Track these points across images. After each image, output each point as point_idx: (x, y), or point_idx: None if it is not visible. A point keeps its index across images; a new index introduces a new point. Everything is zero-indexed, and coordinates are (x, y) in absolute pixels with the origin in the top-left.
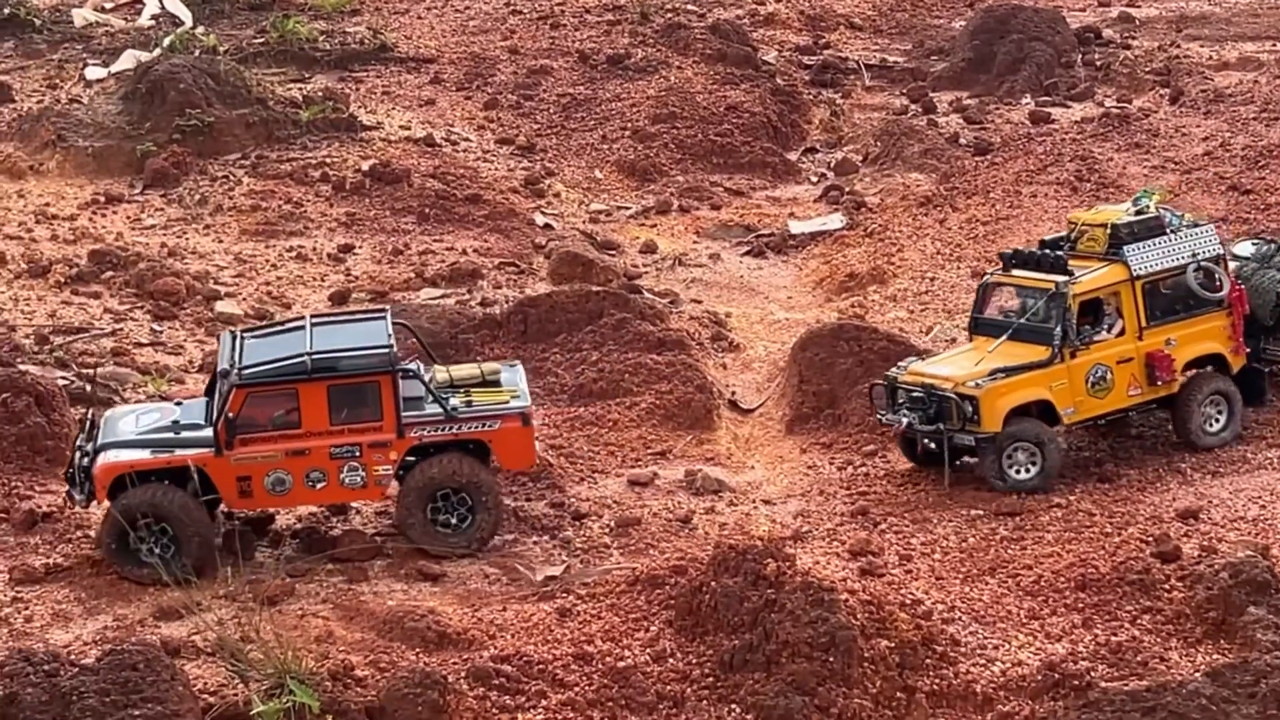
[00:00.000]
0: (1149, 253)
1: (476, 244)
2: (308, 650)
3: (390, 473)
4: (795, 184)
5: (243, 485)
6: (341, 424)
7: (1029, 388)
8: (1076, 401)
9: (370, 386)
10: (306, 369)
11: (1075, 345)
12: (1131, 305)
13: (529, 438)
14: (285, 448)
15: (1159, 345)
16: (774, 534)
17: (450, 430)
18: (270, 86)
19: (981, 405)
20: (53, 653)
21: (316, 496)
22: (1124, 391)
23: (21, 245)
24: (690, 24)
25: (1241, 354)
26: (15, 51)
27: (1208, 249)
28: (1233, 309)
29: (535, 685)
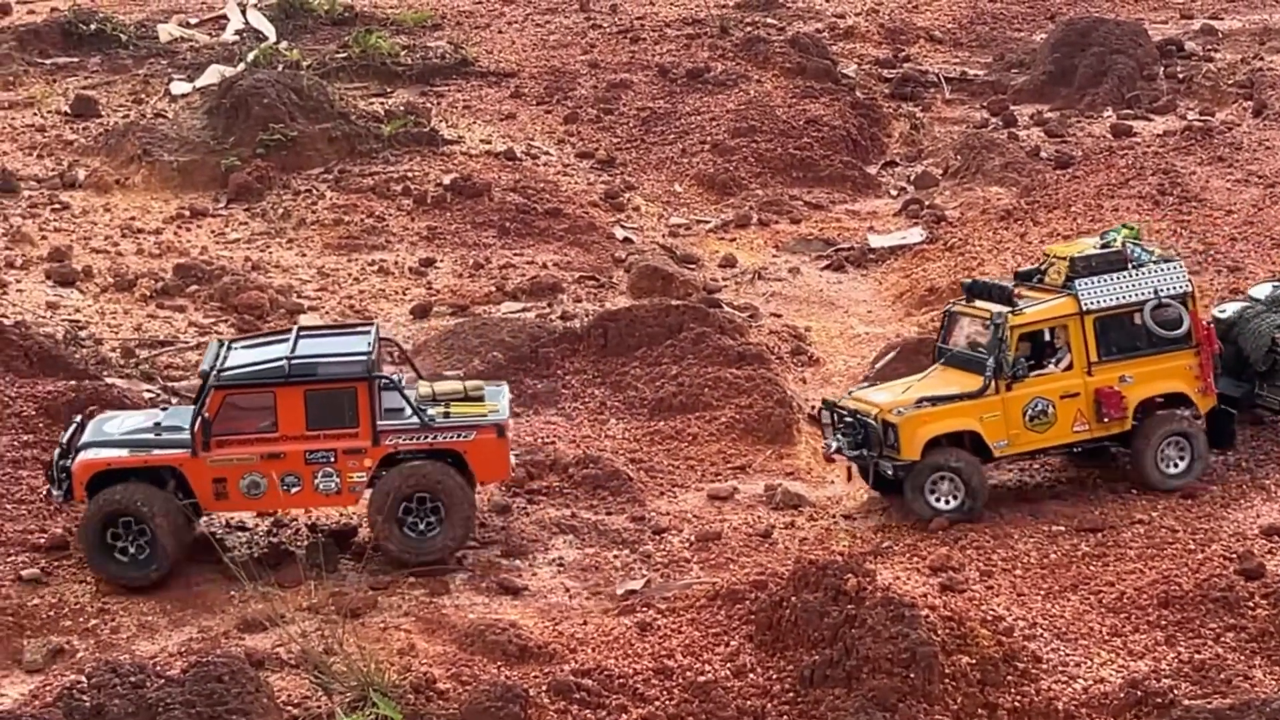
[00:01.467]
0: (1101, 288)
1: (556, 258)
2: (390, 663)
3: (365, 480)
4: (875, 198)
5: (218, 487)
6: (318, 429)
7: (953, 418)
8: (1012, 434)
9: (347, 393)
10: (284, 373)
11: (1010, 377)
12: (1080, 340)
13: (504, 449)
14: (261, 451)
15: (1110, 382)
16: (854, 549)
17: (425, 439)
18: (352, 101)
19: (901, 433)
20: (139, 664)
21: (291, 501)
22: (1068, 427)
23: (108, 259)
24: (770, 38)
25: (1210, 395)
26: (102, 66)
27: (1173, 286)
28: (1200, 348)
29: (616, 699)
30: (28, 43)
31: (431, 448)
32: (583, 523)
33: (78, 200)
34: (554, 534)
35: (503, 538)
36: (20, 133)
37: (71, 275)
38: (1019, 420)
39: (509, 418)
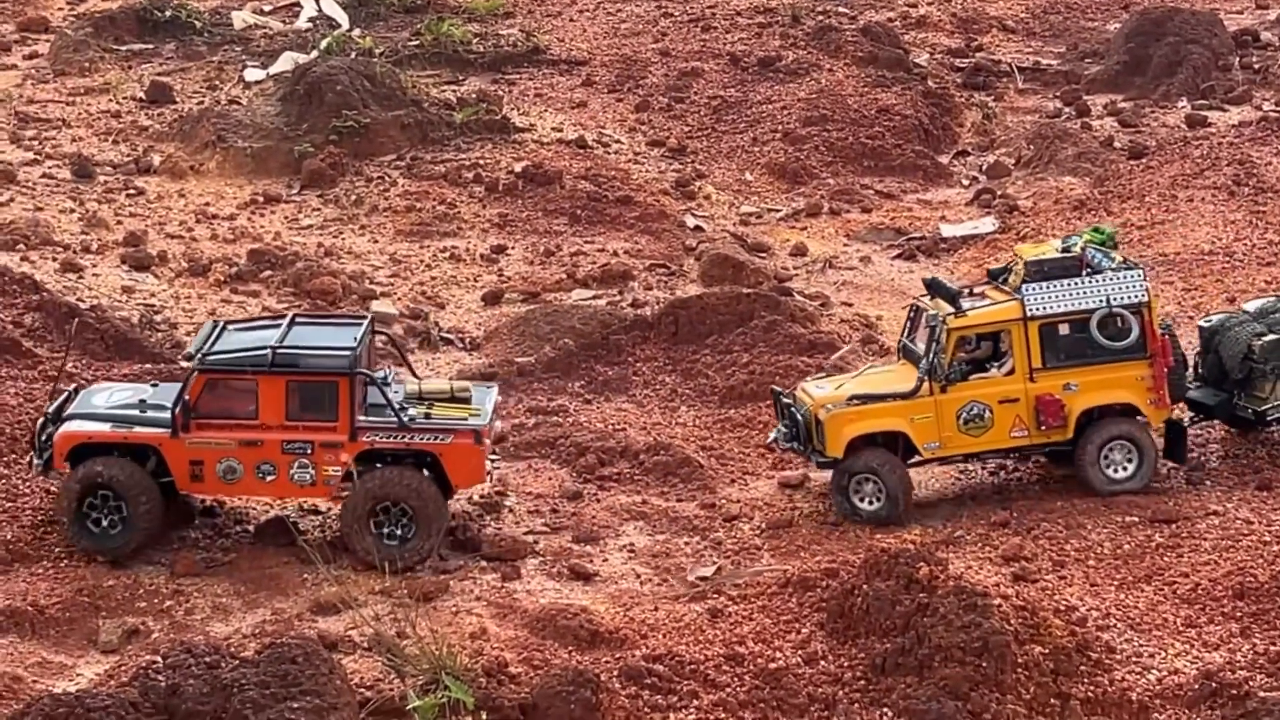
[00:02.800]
0: (1048, 293)
1: (627, 245)
2: (462, 647)
3: (340, 474)
4: (947, 187)
5: (195, 469)
6: (297, 420)
7: (879, 418)
8: (944, 437)
9: (328, 386)
10: (268, 361)
11: (945, 380)
12: (1022, 345)
13: (479, 456)
14: (239, 437)
15: (1053, 389)
16: (926, 538)
17: (402, 439)
18: (425, 88)
19: (826, 430)
20: (213, 645)
21: (265, 489)
22: (1005, 432)
23: (182, 244)
24: (841, 26)
25: (1163, 407)
26: (176, 53)
27: (1127, 295)
28: (1154, 359)
29: (687, 685)
30: (103, 29)
31: (408, 448)
32: (654, 509)
33: (153, 186)
34: (625, 520)
35: (574, 524)
36: (96, 118)
37: (146, 260)
38: (952, 423)
39: (490, 424)
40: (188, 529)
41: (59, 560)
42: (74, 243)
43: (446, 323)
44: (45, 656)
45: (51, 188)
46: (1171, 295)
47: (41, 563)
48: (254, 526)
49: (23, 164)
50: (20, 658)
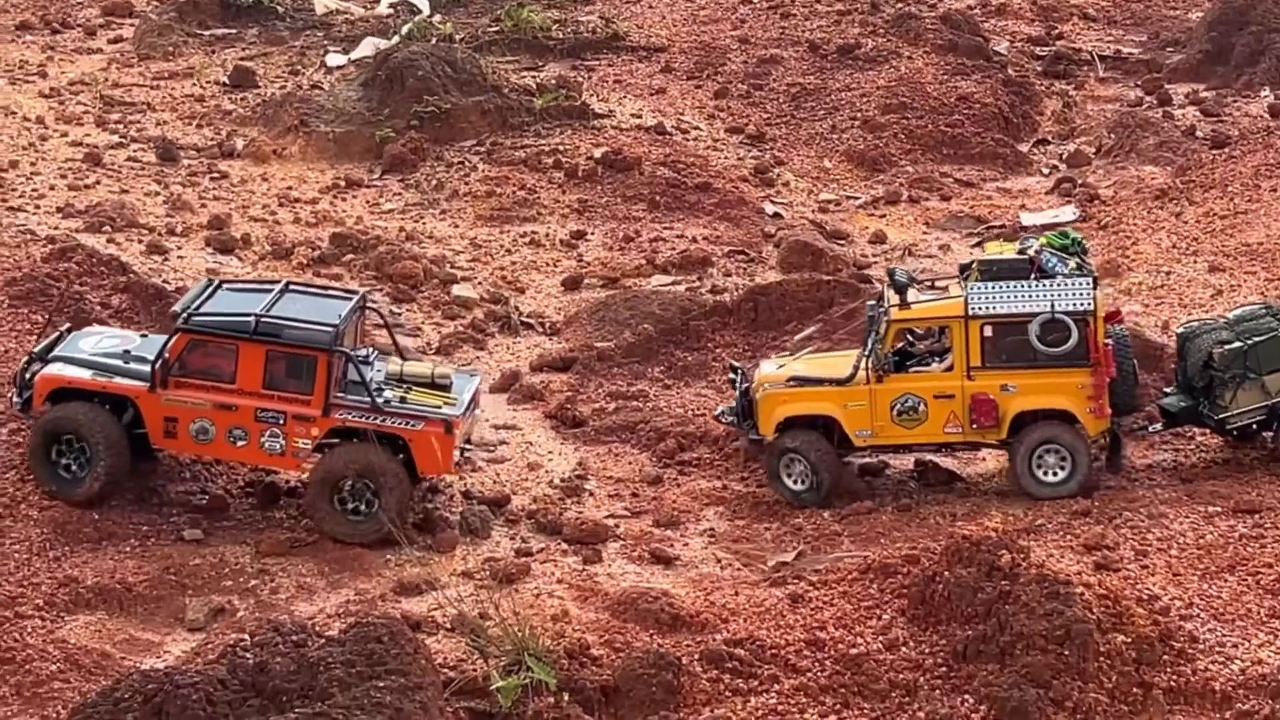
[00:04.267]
0: (991, 294)
1: (706, 232)
2: (544, 628)
3: (309, 447)
4: (1026, 176)
5: (169, 426)
6: (273, 390)
7: (812, 401)
8: (876, 426)
9: (307, 360)
10: (250, 329)
11: (880, 370)
12: (962, 343)
13: (447, 445)
14: (214, 399)
15: (990, 389)
16: (1008, 526)
17: (372, 420)
18: (505, 74)
19: (760, 409)
20: (300, 624)
21: (235, 453)
22: (939, 427)
23: (266, 227)
24: (921, 14)
25: (1101, 416)
26: (259, 38)
27: (1072, 303)
28: (1096, 368)
29: (767, 670)
30: (187, 14)
31: (378, 429)
32: (733, 494)
33: (236, 169)
34: (705, 505)
35: (654, 508)
36: (180, 102)
37: (230, 243)
38: (886, 413)
39: (464, 414)
40: (274, 510)
41: (146, 539)
42: (159, 225)
43: (526, 308)
44: (133, 634)
45: (137, 171)
46: (1254, 286)
47: (129, 541)
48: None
49: (108, 147)
50: (109, 634)
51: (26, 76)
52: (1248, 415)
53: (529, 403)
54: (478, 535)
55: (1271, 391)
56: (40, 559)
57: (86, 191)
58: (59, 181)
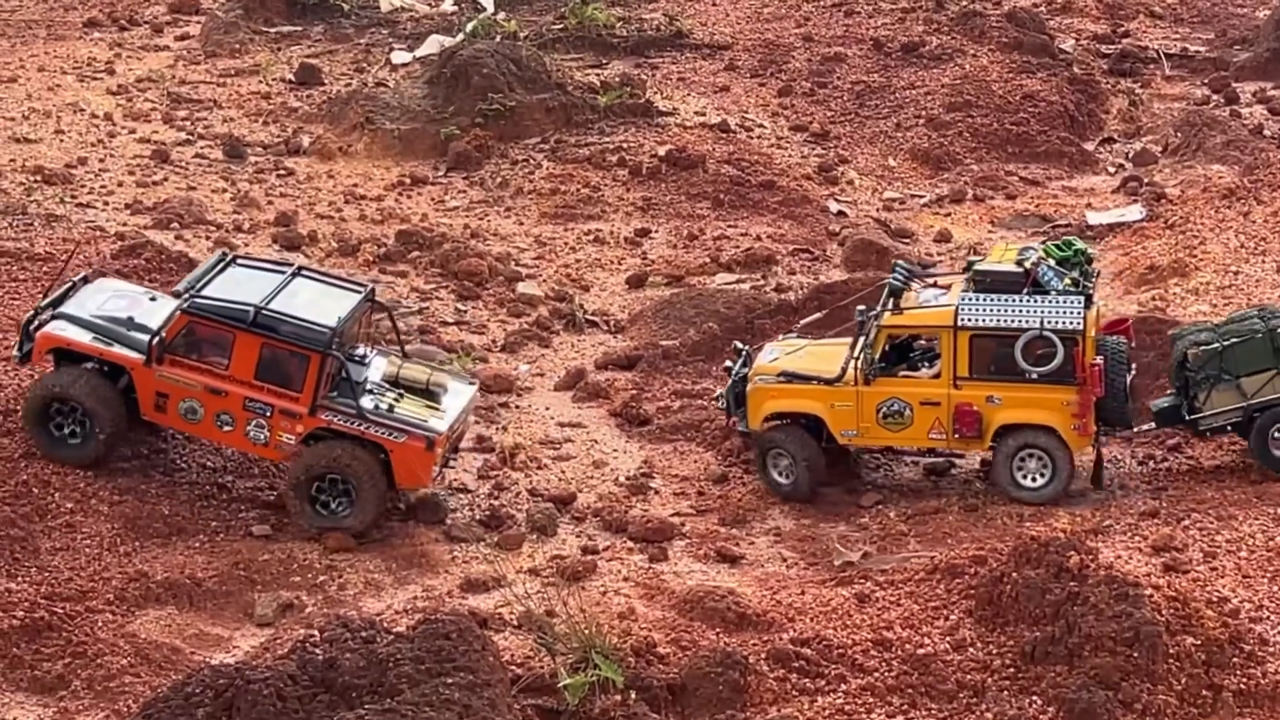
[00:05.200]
0: (981, 307)
1: (770, 230)
2: (611, 626)
3: (293, 442)
4: (1092, 174)
5: (160, 400)
6: (264, 382)
7: (799, 399)
8: (862, 427)
9: (300, 358)
10: (248, 319)
11: (868, 373)
12: (950, 352)
13: (427, 461)
14: (206, 382)
15: (976, 399)
16: (1075, 527)
17: (356, 426)
18: (569, 72)
19: (750, 402)
20: (369, 620)
21: (220, 437)
22: (924, 432)
23: (332, 224)
24: (986, 12)
25: (1085, 434)
26: (324, 35)
27: (1062, 321)
28: (1083, 387)
29: (834, 669)
30: (253, 11)
31: (361, 435)
32: None
33: (302, 166)
34: (770, 504)
35: (720, 506)
36: (246, 99)
37: (297, 239)
38: (872, 415)
39: (453, 428)
40: None
41: (215, 534)
42: (226, 222)
43: (591, 305)
44: (202, 628)
45: (204, 168)
46: None
47: (198, 536)
48: (404, 505)
49: (176, 144)
50: (178, 629)
51: (95, 74)
52: (1222, 417)
53: (594, 400)
54: (544, 533)
55: (1248, 394)
56: (111, 554)
57: (154, 188)
58: (127, 178)
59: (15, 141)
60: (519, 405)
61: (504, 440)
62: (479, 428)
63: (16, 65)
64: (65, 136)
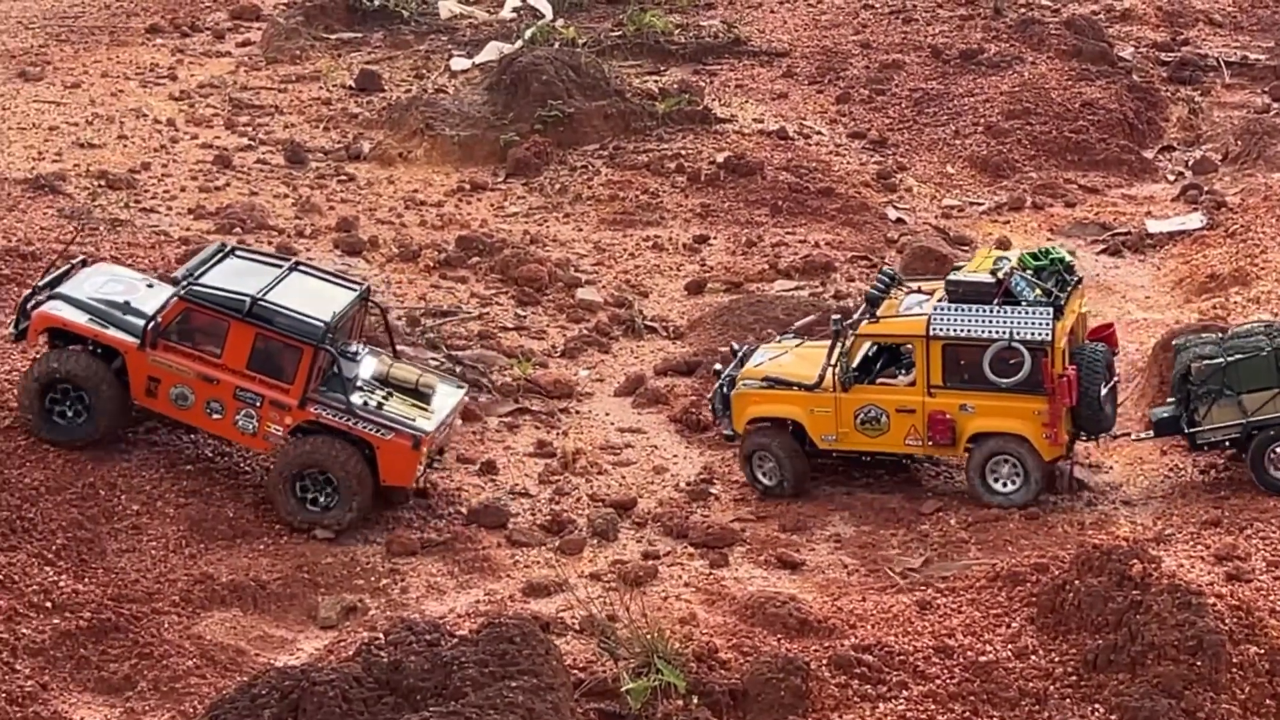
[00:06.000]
0: (952, 317)
1: (829, 237)
2: (672, 631)
3: (281, 434)
4: (1152, 182)
5: (151, 385)
6: (256, 373)
7: (779, 404)
8: (841, 432)
9: (293, 351)
10: (244, 310)
11: (844, 380)
12: (923, 361)
13: (412, 460)
14: (198, 370)
15: (949, 407)
16: (1137, 535)
17: (344, 421)
18: (627, 79)
19: (733, 406)
20: (433, 623)
21: (209, 424)
22: (900, 438)
23: (393, 230)
24: (1045, 19)
25: (1057, 443)
26: (384, 42)
27: (1030, 332)
28: (1053, 397)
29: (896, 676)
30: (314, 18)
31: (348, 431)
32: (859, 500)
33: (363, 172)
34: (831, 511)
35: (780, 513)
36: (307, 105)
37: (358, 245)
38: (850, 421)
39: (437, 429)
40: (401, 509)
41: (279, 536)
42: (288, 227)
43: (650, 311)
44: (267, 630)
45: (266, 173)
46: None
47: (262, 539)
48: (466, 509)
49: (238, 149)
50: (243, 631)
51: (157, 79)
52: (1221, 432)
53: (653, 406)
54: (605, 538)
55: (1249, 410)
56: (177, 555)
57: (217, 193)
58: (190, 183)
59: (80, 146)
60: (579, 411)
61: (565, 445)
62: (539, 432)
63: (80, 71)
64: (129, 142)
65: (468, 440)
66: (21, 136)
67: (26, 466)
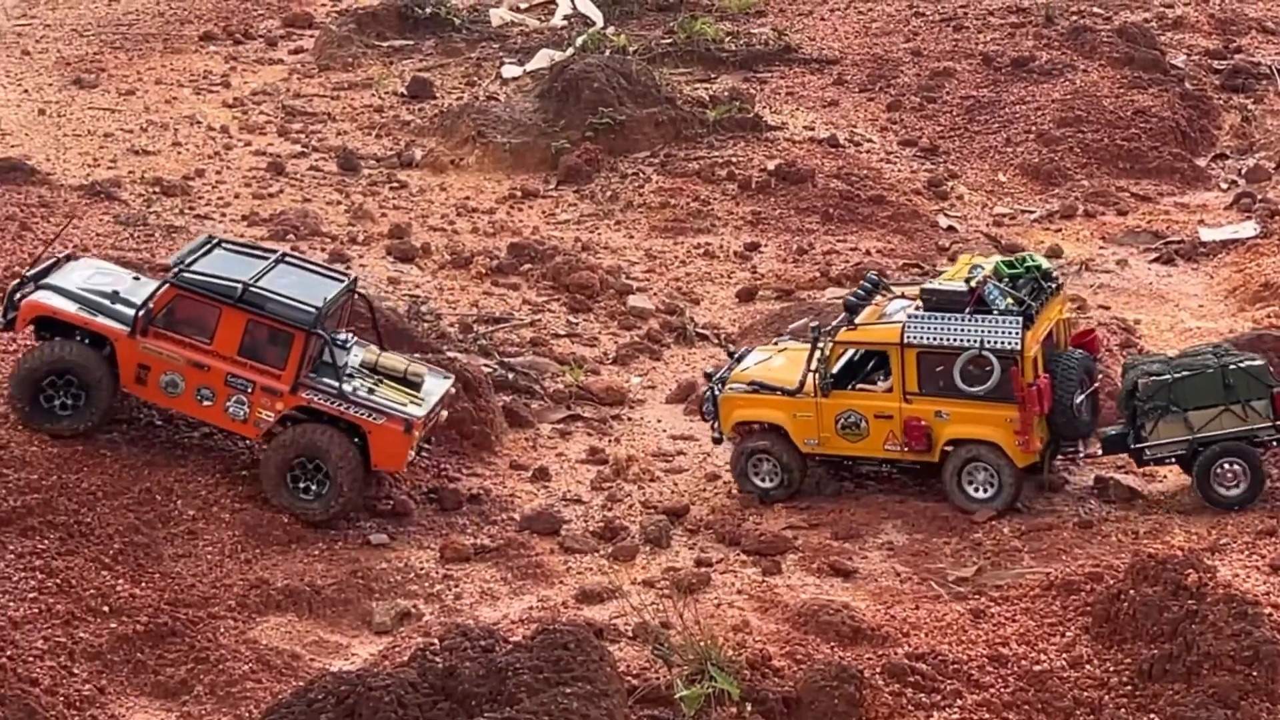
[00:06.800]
0: (925, 325)
1: (880, 245)
2: (725, 639)
3: (272, 420)
4: (1205, 190)
5: (141, 373)
6: (247, 359)
7: (764, 409)
8: (822, 437)
9: (284, 335)
10: (236, 295)
11: (823, 386)
12: (898, 368)
13: (404, 444)
14: (189, 356)
15: (925, 414)
16: (1192, 544)
17: (337, 406)
18: (678, 86)
19: (720, 410)
20: (488, 629)
21: (200, 411)
22: (879, 444)
23: (445, 237)
24: (1096, 27)
25: (1029, 451)
26: (436, 49)
27: (1000, 341)
28: (1024, 405)
29: (950, 684)
30: (366, 25)
31: (340, 415)
32: (912, 508)
33: (415, 179)
34: (883, 518)
35: (832, 520)
36: (360, 113)
37: (411, 252)
38: (831, 426)
39: (430, 414)
40: (457, 516)
41: (333, 542)
42: (341, 234)
43: (701, 319)
44: (321, 635)
45: (318, 180)
46: None
47: (317, 544)
48: (519, 515)
49: (291, 156)
50: (298, 636)
51: (210, 86)
52: (1166, 449)
53: None
54: (658, 545)
55: (1194, 427)
56: (232, 560)
57: (270, 200)
58: (243, 190)
59: (134, 153)
60: (631, 418)
61: (617, 452)
62: (591, 439)
63: (135, 78)
64: (183, 148)
65: (520, 447)
66: (77, 143)
67: (84, 471)
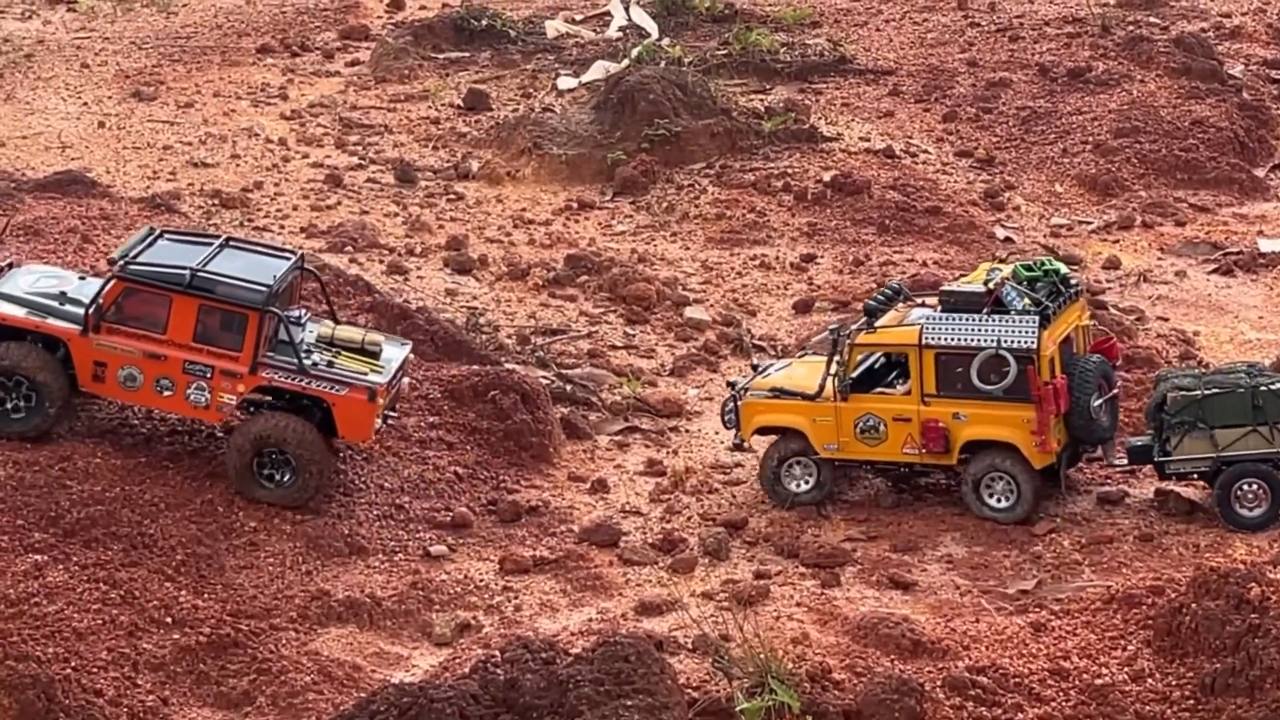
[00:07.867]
0: (943, 326)
1: (936, 256)
2: (785, 651)
3: (234, 403)
4: (1263, 201)
5: (97, 370)
6: (203, 344)
7: (784, 414)
8: (842, 441)
9: (238, 317)
10: (184, 282)
11: (842, 390)
12: (917, 370)
13: (369, 413)
14: (144, 348)
15: (942, 416)
16: (1254, 558)
17: (298, 381)
18: (733, 97)
19: (741, 415)
20: (549, 641)
21: (161, 402)
22: (898, 447)
23: (501, 248)
24: (1153, 36)
25: (1046, 451)
26: (491, 61)
27: (1016, 340)
28: (1041, 405)
29: (1011, 698)
30: (422, 37)
31: (303, 391)
32: (971, 520)
33: (471, 191)
34: (942, 531)
35: (891, 533)
36: (416, 124)
37: (468, 263)
38: (850, 430)
39: (389, 382)
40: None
41: (393, 554)
42: (399, 246)
43: (758, 330)
44: (382, 647)
45: (376, 192)
46: None
47: (377, 556)
48: (578, 527)
49: (348, 168)
50: (359, 647)
51: (268, 99)
52: (1191, 464)
53: None
54: (716, 557)
55: (1220, 445)
56: (293, 572)
57: (328, 212)
58: (301, 202)
59: (194, 166)
60: (688, 429)
61: (675, 464)
62: (649, 451)
63: (193, 91)
64: (241, 161)
65: (578, 459)
66: (137, 156)
67: (147, 483)
